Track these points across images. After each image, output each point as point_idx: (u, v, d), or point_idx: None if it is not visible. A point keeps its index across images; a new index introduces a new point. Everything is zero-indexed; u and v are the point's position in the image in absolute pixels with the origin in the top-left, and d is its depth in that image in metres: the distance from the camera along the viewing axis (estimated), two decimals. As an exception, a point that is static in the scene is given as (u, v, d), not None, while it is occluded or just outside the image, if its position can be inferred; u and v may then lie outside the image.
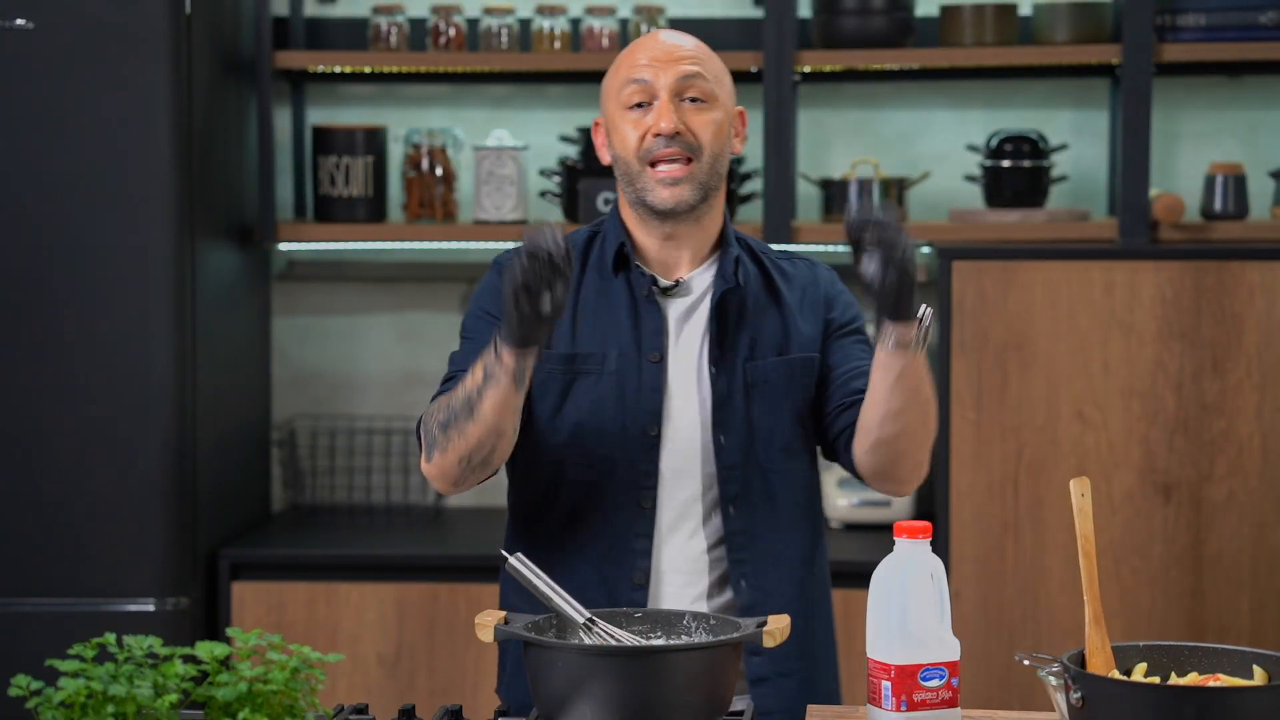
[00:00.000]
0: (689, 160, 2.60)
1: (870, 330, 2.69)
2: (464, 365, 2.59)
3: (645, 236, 2.66)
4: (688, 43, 2.68)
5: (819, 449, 2.74)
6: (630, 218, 2.67)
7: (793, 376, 2.66)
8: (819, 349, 2.69)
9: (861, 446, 2.60)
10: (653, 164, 2.60)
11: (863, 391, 2.61)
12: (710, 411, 2.62)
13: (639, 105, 2.62)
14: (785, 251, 2.78)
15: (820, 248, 4.33)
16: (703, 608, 2.60)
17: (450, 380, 2.64)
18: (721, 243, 2.69)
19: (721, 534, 2.62)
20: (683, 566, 2.62)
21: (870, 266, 2.40)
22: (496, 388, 2.46)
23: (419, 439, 2.63)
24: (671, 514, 2.62)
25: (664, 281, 2.66)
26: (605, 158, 2.70)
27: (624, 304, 2.65)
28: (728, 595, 2.63)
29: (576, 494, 2.63)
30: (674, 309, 2.66)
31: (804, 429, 2.68)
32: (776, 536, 2.64)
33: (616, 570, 2.61)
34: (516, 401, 2.49)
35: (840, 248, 4.36)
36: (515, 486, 2.71)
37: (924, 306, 2.48)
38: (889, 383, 2.51)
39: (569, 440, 2.62)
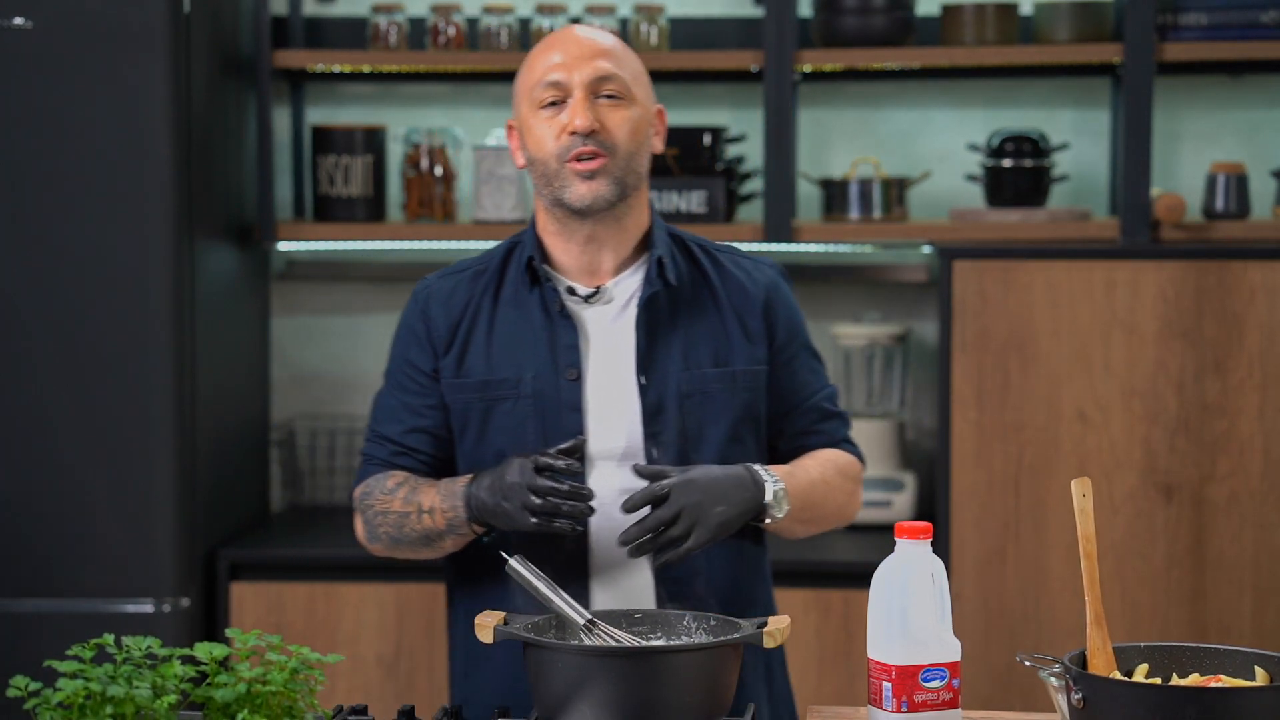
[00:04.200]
0: (603, 158, 2.52)
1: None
2: (384, 427, 2.64)
3: (564, 243, 2.58)
4: (603, 39, 2.58)
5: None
6: (548, 225, 2.59)
7: (734, 390, 2.58)
8: (764, 362, 2.61)
9: None
10: (570, 162, 2.52)
11: (817, 424, 2.66)
12: (641, 424, 2.54)
13: (553, 104, 2.54)
14: (727, 246, 2.70)
15: (821, 247, 4.33)
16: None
17: (373, 440, 2.65)
18: (647, 245, 2.61)
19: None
20: (619, 583, 2.55)
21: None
22: (461, 537, 2.54)
23: (354, 505, 2.68)
24: (605, 533, 2.53)
25: (582, 289, 2.58)
26: (519, 161, 2.61)
27: (537, 321, 2.57)
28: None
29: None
30: (595, 319, 2.58)
31: (741, 444, 2.59)
32: (704, 558, 2.57)
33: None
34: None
35: (841, 247, 4.36)
36: None
37: (760, 481, 2.49)
38: (770, 528, 2.56)
39: None
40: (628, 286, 2.59)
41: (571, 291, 2.58)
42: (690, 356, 2.57)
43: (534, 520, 2.43)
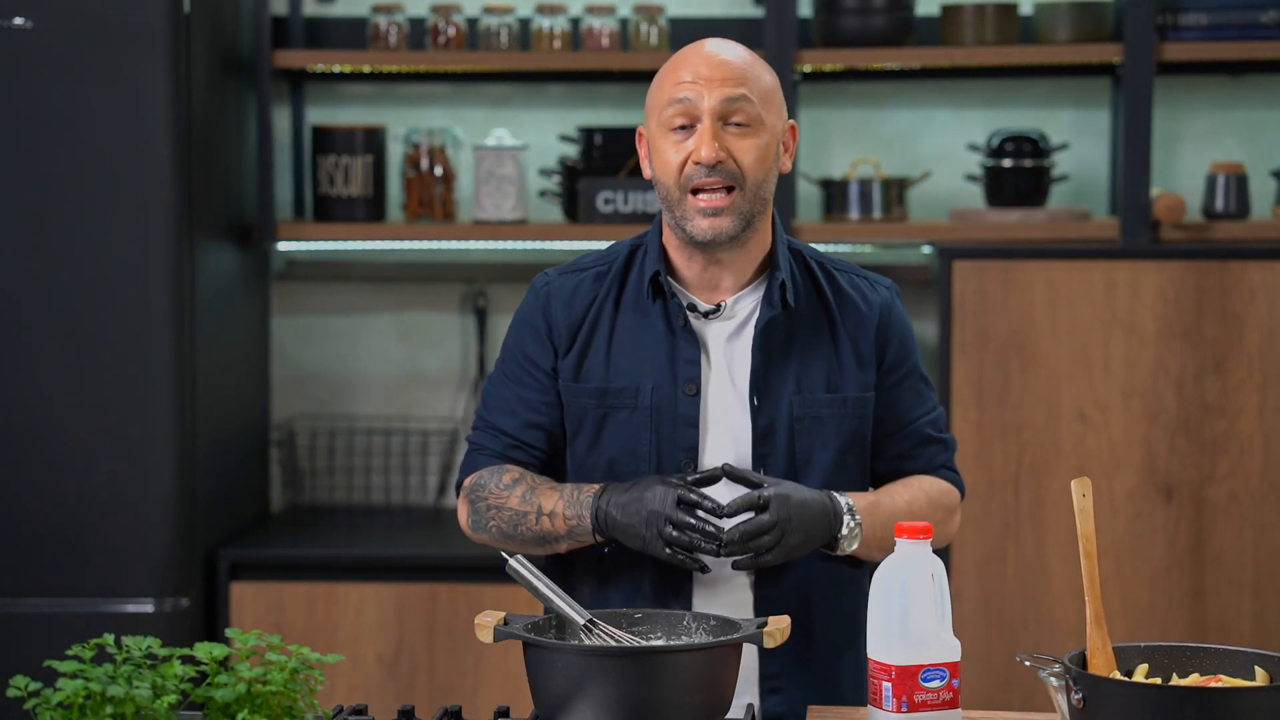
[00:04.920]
0: (730, 189, 2.49)
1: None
2: (498, 418, 2.61)
3: (686, 260, 2.56)
4: (736, 58, 2.51)
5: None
6: (671, 239, 2.57)
7: (844, 416, 2.57)
8: (873, 387, 2.60)
9: None
10: (693, 191, 2.49)
11: (916, 449, 2.63)
12: (751, 445, 2.54)
13: (682, 128, 2.49)
14: (846, 263, 2.67)
15: (820, 247, 4.31)
16: None
17: (484, 430, 2.62)
18: (770, 263, 2.59)
19: (754, 571, 2.53)
20: (722, 604, 2.53)
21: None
22: (579, 543, 2.53)
23: (457, 492, 2.65)
24: None
25: (704, 305, 2.56)
26: (648, 171, 2.58)
27: (660, 333, 2.55)
28: None
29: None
30: (714, 335, 2.57)
31: (847, 469, 2.58)
32: (807, 581, 2.56)
33: (656, 606, 2.53)
34: None
35: (841, 247, 4.36)
36: None
37: (835, 511, 2.49)
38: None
39: (605, 476, 2.55)
40: (747, 305, 2.57)
41: (693, 307, 2.56)
42: (804, 381, 2.56)
43: (668, 552, 2.43)
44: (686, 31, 4.41)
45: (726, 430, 2.55)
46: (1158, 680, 2.21)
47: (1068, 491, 2.27)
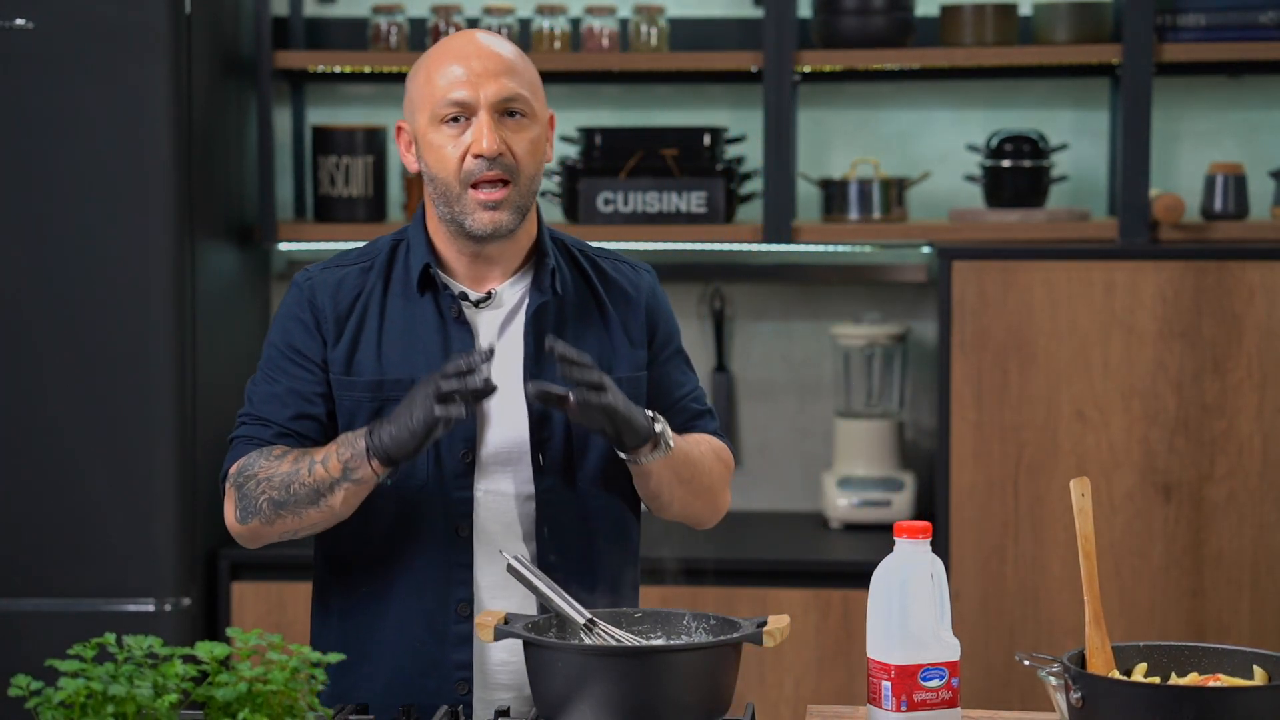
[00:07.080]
0: (507, 183, 2.49)
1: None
2: (267, 411, 2.53)
3: (454, 251, 2.55)
4: (507, 50, 2.52)
5: None
6: (439, 231, 2.55)
7: None
8: (645, 367, 2.61)
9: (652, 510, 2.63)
10: (474, 185, 2.48)
11: (690, 422, 2.63)
12: (529, 430, 2.52)
13: (455, 120, 2.48)
14: (605, 250, 2.68)
15: (820, 247, 4.33)
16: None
17: (251, 423, 2.55)
18: (536, 252, 2.59)
19: (536, 558, 2.52)
20: (506, 593, 2.51)
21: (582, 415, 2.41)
22: (357, 488, 2.42)
23: (223, 488, 2.55)
24: (491, 539, 2.52)
25: (474, 294, 2.55)
26: (413, 165, 2.56)
27: (432, 324, 2.53)
28: None
29: (391, 526, 2.51)
30: (485, 323, 2.55)
31: None
32: (588, 564, 2.54)
33: (438, 603, 2.51)
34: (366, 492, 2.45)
35: (840, 247, 4.37)
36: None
37: (651, 417, 2.46)
38: (650, 485, 2.53)
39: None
40: (515, 293, 2.57)
41: (464, 296, 2.55)
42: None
43: (439, 409, 2.32)
44: (686, 32, 4.42)
45: (504, 417, 2.52)
46: (1156, 679, 2.21)
47: (1067, 491, 2.27)
